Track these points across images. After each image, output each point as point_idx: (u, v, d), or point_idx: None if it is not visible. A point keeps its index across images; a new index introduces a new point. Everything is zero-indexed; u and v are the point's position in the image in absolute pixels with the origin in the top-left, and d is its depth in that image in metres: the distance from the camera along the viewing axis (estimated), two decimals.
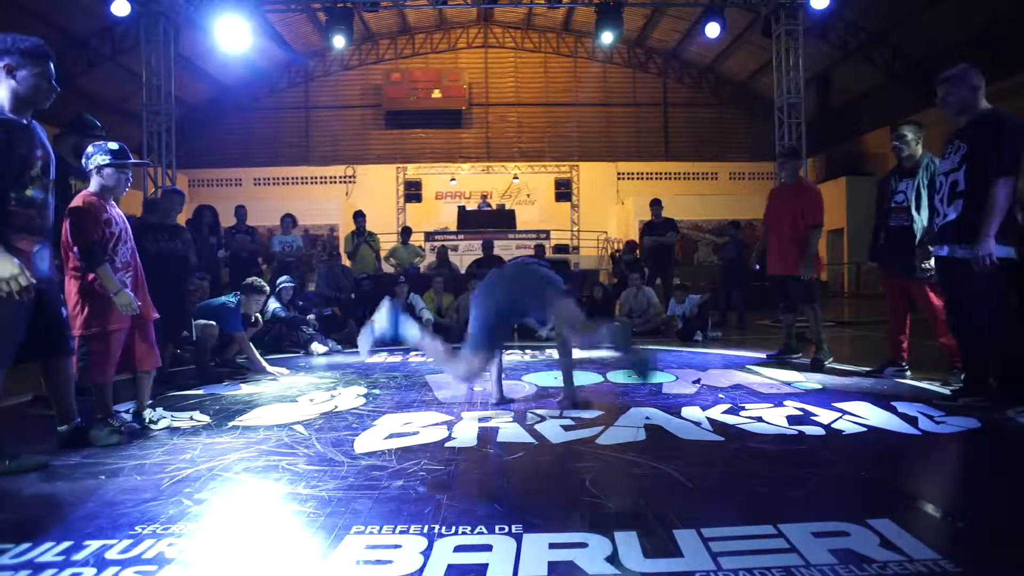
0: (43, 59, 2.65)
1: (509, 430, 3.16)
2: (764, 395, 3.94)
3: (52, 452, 2.83)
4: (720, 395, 3.97)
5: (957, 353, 4.00)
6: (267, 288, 5.69)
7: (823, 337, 5.27)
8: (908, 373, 4.44)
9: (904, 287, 4.37)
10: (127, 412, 3.77)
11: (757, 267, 5.95)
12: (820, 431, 3.04)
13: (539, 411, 3.55)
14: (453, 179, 20.28)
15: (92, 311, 3.08)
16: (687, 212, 16.47)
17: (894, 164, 4.52)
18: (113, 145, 3.19)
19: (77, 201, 3.08)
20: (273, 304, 7.18)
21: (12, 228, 2.57)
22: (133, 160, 3.29)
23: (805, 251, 5.18)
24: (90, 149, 3.17)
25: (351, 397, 4.13)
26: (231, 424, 3.44)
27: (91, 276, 3.05)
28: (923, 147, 4.32)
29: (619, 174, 20.31)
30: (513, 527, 1.91)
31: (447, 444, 2.93)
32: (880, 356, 4.72)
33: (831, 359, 5.11)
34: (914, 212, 4.20)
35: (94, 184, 3.16)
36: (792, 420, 3.25)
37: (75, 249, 3.02)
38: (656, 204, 9.53)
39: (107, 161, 3.13)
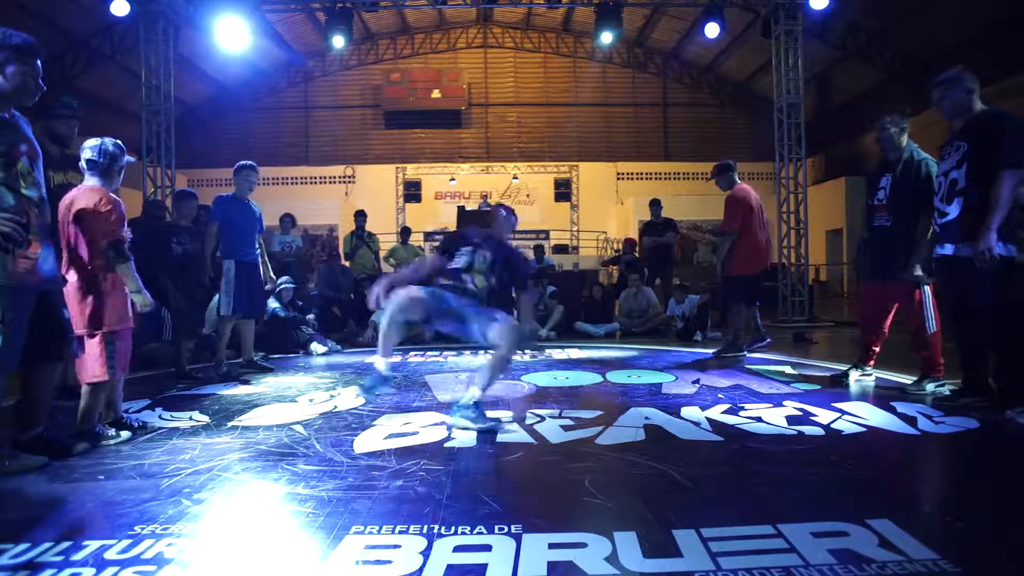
0: (33, 56, 2.60)
1: (508, 430, 3.16)
2: (763, 395, 3.94)
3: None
4: (719, 395, 3.97)
5: (932, 365, 3.95)
6: (256, 167, 5.50)
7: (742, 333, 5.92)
8: (872, 377, 4.36)
9: (883, 291, 4.15)
10: (126, 412, 3.78)
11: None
12: (819, 431, 3.04)
13: (538, 411, 3.55)
14: (452, 179, 20.28)
15: (114, 307, 3.09)
16: (686, 212, 16.44)
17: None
18: (120, 143, 3.21)
19: (98, 197, 3.04)
20: (273, 304, 7.18)
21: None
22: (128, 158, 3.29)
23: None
24: (94, 142, 3.12)
25: (350, 397, 4.13)
26: (230, 424, 3.44)
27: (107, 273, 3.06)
28: (909, 139, 4.04)
29: (618, 174, 20.31)
30: (512, 527, 1.91)
31: (446, 444, 2.93)
32: (880, 357, 4.70)
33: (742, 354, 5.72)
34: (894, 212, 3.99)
35: (100, 179, 3.13)
36: (791, 420, 3.25)
37: (87, 246, 3.00)
38: (656, 204, 9.53)
39: (127, 160, 3.17)
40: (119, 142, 3.21)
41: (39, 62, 2.63)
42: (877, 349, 4.39)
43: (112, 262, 3.04)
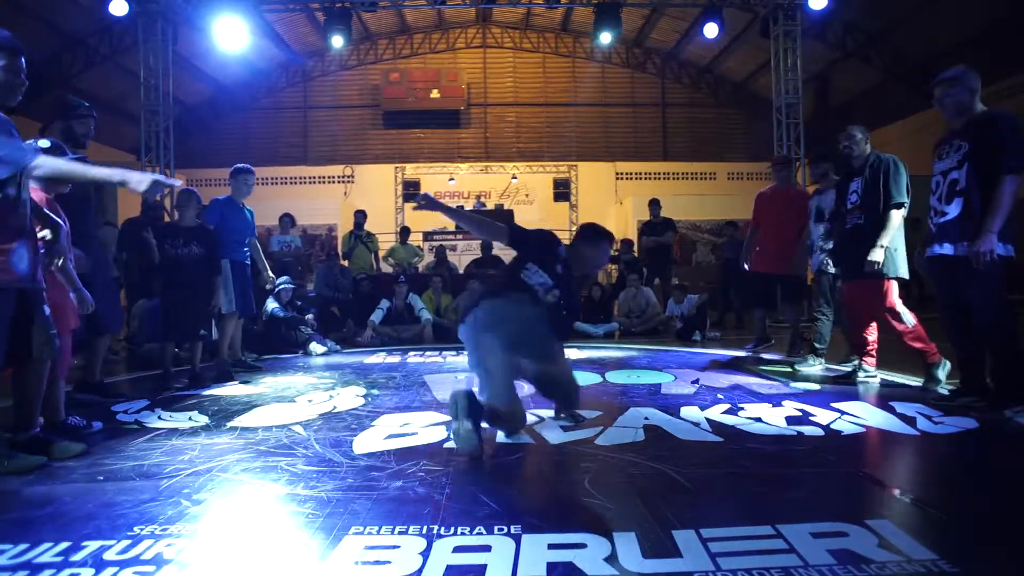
0: (15, 54, 2.56)
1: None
2: (763, 395, 3.94)
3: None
4: (719, 395, 3.97)
5: (929, 353, 4.03)
6: (253, 170, 5.61)
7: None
8: (877, 379, 4.36)
9: (862, 289, 4.27)
10: (126, 412, 3.78)
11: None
12: (819, 431, 3.04)
13: (537, 412, 3.55)
14: (452, 179, 20.26)
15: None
16: (685, 212, 16.42)
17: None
18: (44, 143, 3.17)
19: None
20: (272, 304, 7.18)
21: None
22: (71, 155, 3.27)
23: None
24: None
25: (350, 398, 4.13)
26: (230, 425, 3.43)
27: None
28: (871, 147, 4.45)
29: (618, 174, 20.28)
30: (512, 528, 1.91)
31: (446, 445, 2.92)
32: (880, 356, 4.70)
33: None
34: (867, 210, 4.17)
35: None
36: (791, 420, 3.25)
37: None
38: (655, 204, 9.54)
39: None
40: None
41: (23, 60, 2.59)
42: (872, 346, 4.42)
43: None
